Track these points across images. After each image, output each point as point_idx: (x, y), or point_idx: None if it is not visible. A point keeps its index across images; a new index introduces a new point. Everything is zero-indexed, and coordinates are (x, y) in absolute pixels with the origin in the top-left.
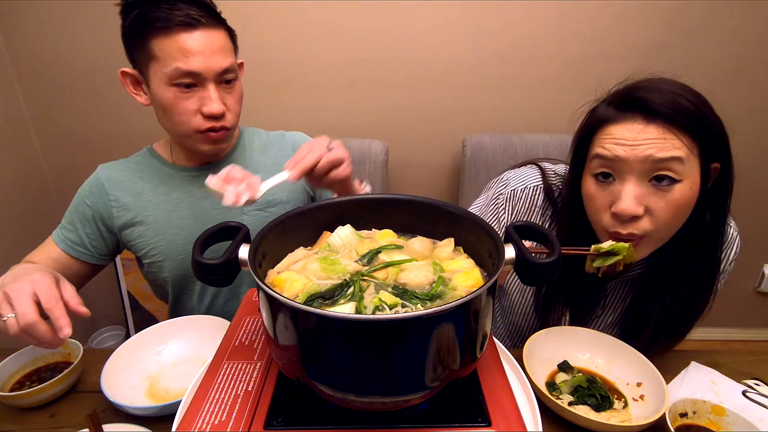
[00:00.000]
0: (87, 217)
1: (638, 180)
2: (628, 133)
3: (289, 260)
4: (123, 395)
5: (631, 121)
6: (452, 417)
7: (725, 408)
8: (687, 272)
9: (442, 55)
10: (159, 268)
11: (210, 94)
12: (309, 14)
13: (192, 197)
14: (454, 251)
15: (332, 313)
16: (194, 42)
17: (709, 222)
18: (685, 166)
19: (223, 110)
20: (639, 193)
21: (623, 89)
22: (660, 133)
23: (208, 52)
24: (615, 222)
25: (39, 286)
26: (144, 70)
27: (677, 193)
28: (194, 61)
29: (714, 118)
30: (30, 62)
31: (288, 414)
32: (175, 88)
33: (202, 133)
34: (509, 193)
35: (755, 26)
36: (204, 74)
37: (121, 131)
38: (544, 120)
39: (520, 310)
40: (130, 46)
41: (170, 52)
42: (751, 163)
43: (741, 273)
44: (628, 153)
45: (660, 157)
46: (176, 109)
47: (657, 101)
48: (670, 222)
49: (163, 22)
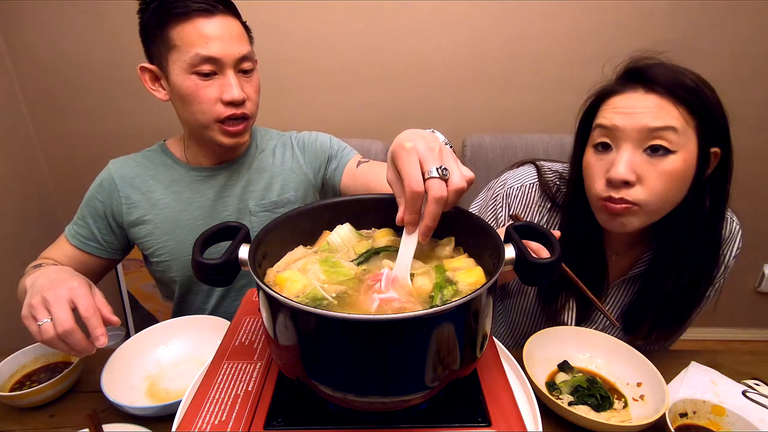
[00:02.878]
0: (98, 213)
1: (634, 148)
2: (628, 101)
3: (288, 259)
4: (123, 395)
5: (632, 91)
6: (452, 417)
7: (725, 408)
8: (687, 262)
9: (442, 55)
10: (166, 267)
11: (230, 80)
12: (309, 14)
13: (204, 197)
14: (454, 250)
15: (332, 313)
16: (213, 27)
17: (709, 210)
18: (680, 137)
19: (243, 96)
20: (633, 160)
21: (628, 61)
22: (657, 102)
23: (226, 38)
24: (608, 188)
25: (77, 294)
26: (163, 63)
27: (670, 164)
28: (214, 47)
29: (714, 99)
30: (30, 62)
31: (288, 414)
32: (195, 76)
33: (222, 123)
34: (506, 191)
35: (755, 26)
36: (224, 60)
37: (121, 131)
38: (544, 120)
39: (522, 309)
40: (148, 39)
41: (190, 39)
42: (751, 162)
43: (741, 273)
44: (626, 122)
45: (655, 126)
46: (197, 97)
47: (658, 72)
48: (661, 193)
49: (181, 9)
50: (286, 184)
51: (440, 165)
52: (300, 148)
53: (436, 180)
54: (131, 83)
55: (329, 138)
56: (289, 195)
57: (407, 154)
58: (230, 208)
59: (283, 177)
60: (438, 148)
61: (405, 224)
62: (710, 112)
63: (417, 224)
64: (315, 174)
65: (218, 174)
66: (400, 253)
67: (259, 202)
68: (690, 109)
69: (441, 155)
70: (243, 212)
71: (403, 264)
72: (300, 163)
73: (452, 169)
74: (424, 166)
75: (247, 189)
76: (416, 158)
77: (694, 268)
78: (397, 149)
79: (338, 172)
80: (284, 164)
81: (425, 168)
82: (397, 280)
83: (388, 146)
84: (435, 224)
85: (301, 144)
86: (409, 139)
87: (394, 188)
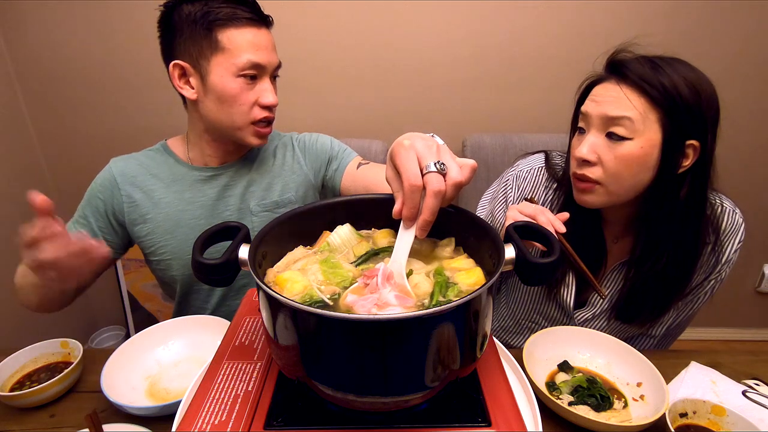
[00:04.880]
0: (100, 211)
1: (597, 132)
2: (601, 90)
3: (288, 259)
4: (123, 395)
5: (608, 81)
6: (452, 417)
7: (725, 408)
8: (666, 250)
9: (442, 55)
10: (167, 266)
11: (268, 86)
12: (308, 14)
13: (205, 197)
14: (454, 251)
15: (332, 314)
16: (262, 38)
17: (685, 200)
18: (636, 126)
19: (277, 102)
20: (595, 142)
21: (612, 52)
22: (620, 93)
23: (270, 48)
24: (576, 165)
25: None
26: (202, 63)
27: (625, 149)
28: (263, 55)
29: (693, 97)
30: (30, 62)
31: (288, 414)
32: (242, 79)
33: (255, 124)
34: (516, 174)
35: (755, 25)
36: (267, 67)
37: (121, 131)
38: (544, 120)
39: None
40: (185, 37)
41: (242, 45)
42: (751, 162)
43: (741, 273)
44: (593, 109)
45: (612, 115)
46: (239, 99)
47: (632, 66)
48: (616, 174)
49: (236, 16)
50: (287, 185)
51: (438, 160)
52: (301, 149)
53: (435, 174)
54: (131, 83)
55: (330, 139)
56: (290, 195)
57: (405, 150)
58: (231, 208)
59: (284, 177)
60: (436, 146)
61: (402, 219)
62: (680, 106)
63: (414, 219)
64: (315, 175)
65: (220, 174)
66: (396, 247)
67: (260, 202)
68: (653, 101)
69: (438, 152)
70: (244, 212)
71: (398, 259)
72: (301, 164)
73: (450, 164)
74: (422, 162)
75: (248, 189)
76: (414, 154)
77: (675, 256)
78: (395, 147)
79: (338, 173)
80: (285, 165)
81: (423, 163)
82: (393, 276)
83: (388, 146)
84: (433, 218)
85: (302, 145)
86: (408, 138)
87: (392, 185)
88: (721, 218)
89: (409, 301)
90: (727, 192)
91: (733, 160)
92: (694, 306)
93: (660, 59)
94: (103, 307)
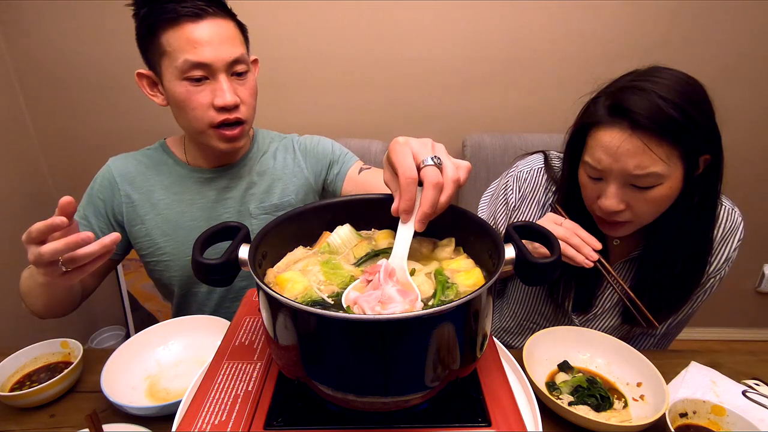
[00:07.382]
0: (100, 211)
1: (620, 185)
2: (614, 141)
3: (288, 259)
4: (123, 395)
5: (618, 128)
6: (452, 417)
7: (725, 408)
8: (681, 251)
9: (442, 55)
10: (165, 267)
11: (221, 85)
12: (308, 14)
13: (204, 199)
14: (454, 251)
15: (332, 313)
16: (202, 32)
17: (698, 204)
18: (664, 173)
19: (236, 101)
20: (620, 193)
21: (615, 91)
22: (641, 144)
23: (216, 42)
24: (604, 214)
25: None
26: (158, 69)
27: (656, 193)
28: (203, 52)
29: (700, 116)
30: (30, 62)
31: (288, 414)
32: (187, 82)
33: (216, 128)
34: (516, 174)
35: (755, 26)
36: (214, 65)
37: (121, 131)
38: (544, 120)
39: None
40: (143, 46)
41: (179, 45)
42: (751, 163)
43: (741, 273)
44: (612, 164)
45: (637, 174)
46: (189, 103)
47: (642, 111)
48: (650, 213)
49: (170, 14)
50: (287, 188)
51: (433, 155)
52: (302, 152)
53: (431, 167)
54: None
55: (331, 143)
56: (290, 198)
57: (401, 146)
58: (231, 210)
59: (285, 180)
60: (430, 143)
61: (400, 213)
62: (695, 132)
63: (411, 211)
64: (316, 178)
65: (219, 176)
66: (396, 242)
67: (259, 204)
68: (674, 142)
69: (434, 149)
70: (244, 214)
71: (399, 254)
72: (301, 167)
73: (446, 161)
74: (418, 157)
75: (248, 191)
76: (409, 150)
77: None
78: (391, 146)
79: (340, 177)
80: (285, 167)
81: (419, 159)
82: (395, 272)
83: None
84: (432, 211)
85: (303, 148)
86: (403, 138)
87: (391, 185)
88: (721, 217)
89: (412, 295)
90: (727, 192)
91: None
92: (694, 305)
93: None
94: (103, 307)
